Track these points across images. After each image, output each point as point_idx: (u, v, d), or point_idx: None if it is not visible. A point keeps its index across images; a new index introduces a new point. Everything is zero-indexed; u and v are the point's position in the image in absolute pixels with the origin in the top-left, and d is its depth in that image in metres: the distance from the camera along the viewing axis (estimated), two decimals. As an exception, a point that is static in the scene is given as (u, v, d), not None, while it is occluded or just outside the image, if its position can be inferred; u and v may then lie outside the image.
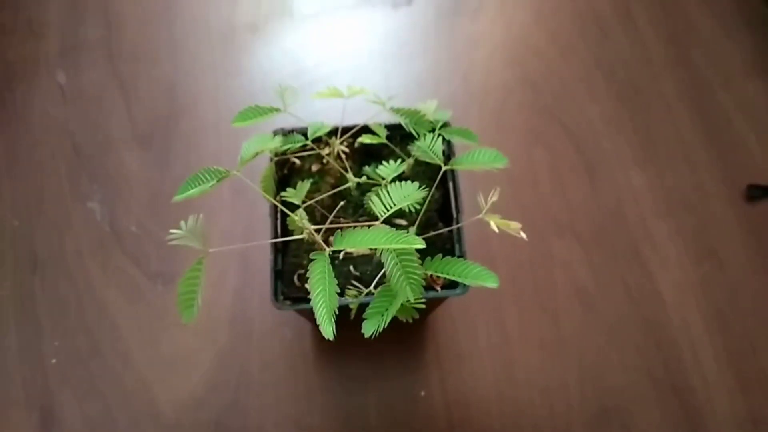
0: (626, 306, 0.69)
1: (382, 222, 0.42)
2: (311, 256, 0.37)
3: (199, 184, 0.41)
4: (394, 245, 0.34)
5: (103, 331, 0.67)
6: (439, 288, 0.50)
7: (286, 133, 0.51)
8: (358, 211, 0.52)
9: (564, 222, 0.73)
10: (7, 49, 0.81)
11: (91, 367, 0.65)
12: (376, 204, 0.40)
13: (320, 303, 0.34)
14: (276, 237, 0.50)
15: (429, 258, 0.41)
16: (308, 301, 0.49)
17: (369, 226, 0.38)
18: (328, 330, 0.33)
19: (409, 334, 0.67)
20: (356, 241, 0.35)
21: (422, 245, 0.35)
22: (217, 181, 0.40)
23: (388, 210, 0.40)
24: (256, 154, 0.43)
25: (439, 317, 0.68)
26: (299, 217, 0.40)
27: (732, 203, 0.74)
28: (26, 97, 0.78)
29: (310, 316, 0.62)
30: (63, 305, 0.68)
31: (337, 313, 0.34)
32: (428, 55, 0.82)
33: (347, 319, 0.65)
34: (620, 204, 0.74)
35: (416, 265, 0.37)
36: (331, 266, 0.35)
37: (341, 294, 0.48)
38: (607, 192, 0.74)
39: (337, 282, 0.49)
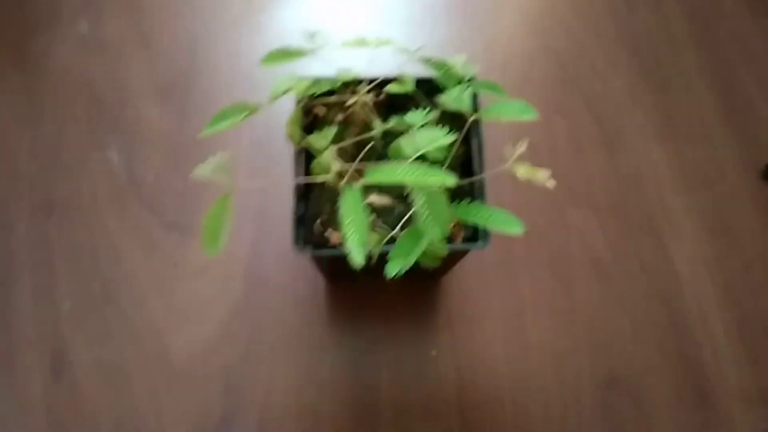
0: (640, 278, 0.69)
1: None
2: (342, 187, 0.37)
3: (227, 119, 0.41)
4: (427, 180, 0.34)
5: (118, 278, 0.67)
6: (458, 240, 0.50)
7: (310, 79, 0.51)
8: (380, 160, 0.52)
9: (581, 192, 0.72)
10: (29, -4, 0.80)
11: (104, 313, 0.66)
12: (405, 146, 0.40)
13: (351, 232, 0.34)
14: (299, 182, 0.50)
15: (456, 202, 0.41)
16: (328, 247, 0.49)
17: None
18: (358, 257, 0.33)
19: (422, 295, 0.67)
20: (389, 174, 0.35)
21: (453, 182, 0.35)
22: (247, 115, 0.40)
23: (417, 151, 0.40)
24: (285, 92, 0.43)
25: (452, 280, 0.68)
26: (329, 156, 0.40)
27: (749, 181, 0.74)
28: (48, 46, 0.78)
29: (326, 267, 0.62)
30: (78, 251, 0.68)
31: (366, 241, 0.34)
32: (453, 23, 0.82)
33: (362, 276, 0.66)
34: (638, 177, 0.74)
35: (445, 204, 0.37)
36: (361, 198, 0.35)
37: (362, 241, 0.49)
38: (625, 165, 0.74)
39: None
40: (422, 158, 0.41)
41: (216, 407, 0.63)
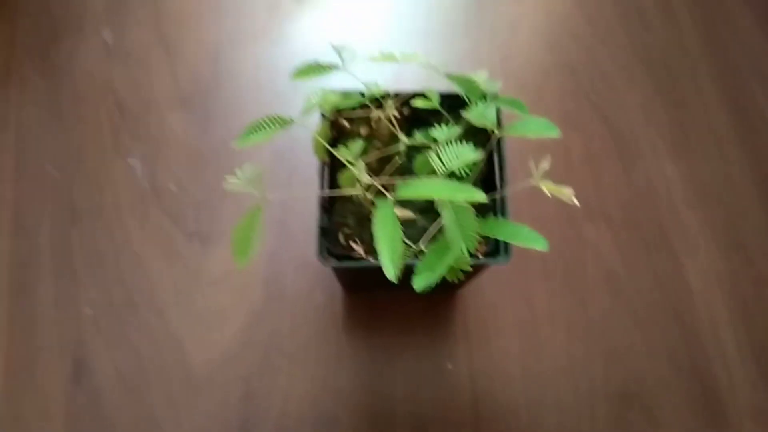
0: (653, 292, 0.70)
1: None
2: (375, 201, 0.37)
3: (260, 131, 0.42)
4: (458, 196, 0.35)
5: (139, 285, 0.68)
6: (481, 255, 0.51)
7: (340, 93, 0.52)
8: (404, 175, 0.52)
9: (595, 206, 0.73)
10: (53, 4, 0.82)
11: (125, 320, 0.67)
12: (435, 161, 0.41)
13: (385, 246, 0.34)
14: (324, 194, 0.51)
15: (480, 217, 0.42)
16: (352, 259, 0.50)
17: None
18: (391, 271, 0.34)
19: (438, 307, 0.68)
20: (420, 190, 0.35)
21: (483, 199, 0.36)
22: (280, 127, 0.41)
23: (445, 168, 0.41)
24: (316, 105, 0.44)
25: (469, 293, 0.69)
26: (358, 169, 0.41)
27: (762, 197, 0.75)
28: (72, 53, 0.79)
29: (348, 278, 0.63)
30: (100, 258, 0.69)
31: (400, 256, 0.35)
32: (470, 36, 0.83)
33: (379, 288, 0.66)
34: (652, 192, 0.74)
35: (472, 219, 0.38)
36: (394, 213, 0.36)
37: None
38: (639, 179, 0.75)
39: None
40: (450, 174, 0.42)
41: (234, 415, 0.63)
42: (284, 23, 0.82)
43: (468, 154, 0.43)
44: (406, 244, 0.45)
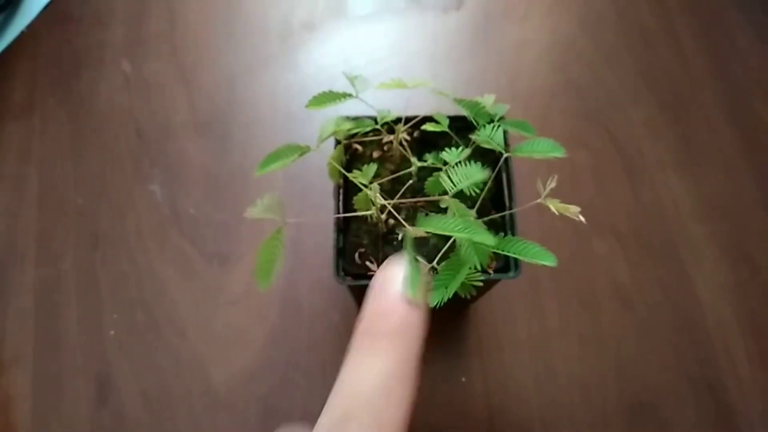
0: (663, 305, 0.71)
1: (436, 199, 0.46)
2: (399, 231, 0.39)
3: (280, 159, 0.44)
4: (469, 236, 0.37)
5: (161, 306, 0.70)
6: (491, 271, 0.52)
7: (352, 119, 0.54)
8: (416, 196, 0.54)
9: (604, 222, 0.75)
10: (74, 36, 0.85)
11: (148, 341, 0.69)
12: (445, 181, 0.43)
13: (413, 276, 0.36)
14: (339, 216, 0.53)
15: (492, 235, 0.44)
16: (368, 278, 0.52)
17: (440, 202, 0.41)
18: (412, 292, 0.36)
19: (451, 322, 0.70)
20: (437, 225, 0.38)
21: (492, 242, 0.38)
22: (299, 156, 0.43)
23: (455, 186, 0.43)
24: (332, 134, 0.46)
25: (481, 308, 0.70)
26: (373, 192, 0.43)
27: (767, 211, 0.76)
28: (92, 83, 0.82)
29: (361, 296, 0.65)
30: (122, 281, 0.71)
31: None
32: (476, 59, 0.85)
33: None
34: (660, 207, 0.76)
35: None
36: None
37: (400, 272, 0.51)
38: (647, 195, 0.77)
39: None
40: (460, 193, 0.44)
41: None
42: (296, 51, 0.85)
43: (477, 175, 0.45)
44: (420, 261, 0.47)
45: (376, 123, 0.52)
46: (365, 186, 0.48)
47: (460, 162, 0.47)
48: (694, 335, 0.70)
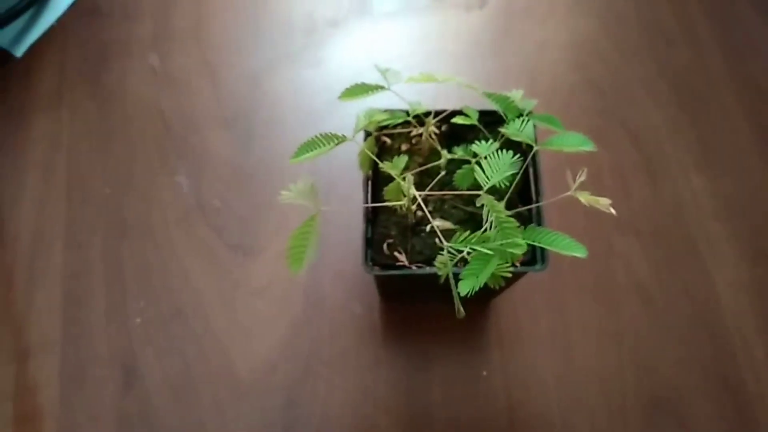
0: (683, 302, 0.72)
1: (472, 197, 0.47)
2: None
3: (315, 148, 0.45)
4: (506, 248, 0.38)
5: (185, 296, 0.71)
6: (518, 264, 0.53)
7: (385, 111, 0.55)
8: (444, 189, 0.55)
9: (625, 219, 0.75)
10: (102, 30, 0.86)
11: (173, 329, 0.70)
12: (479, 175, 0.44)
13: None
14: (369, 206, 0.54)
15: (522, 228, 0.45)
16: (396, 267, 0.53)
17: (475, 197, 0.43)
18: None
19: (473, 316, 0.70)
20: (471, 241, 0.39)
21: (523, 249, 0.39)
22: (336, 145, 0.44)
23: (489, 180, 0.44)
24: (368, 125, 0.47)
25: (502, 303, 0.71)
26: (408, 184, 0.44)
27: (787, 211, 0.77)
28: (120, 77, 0.83)
29: (390, 287, 0.66)
30: (148, 270, 0.72)
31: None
32: (497, 57, 0.86)
33: (418, 297, 0.69)
34: (679, 205, 0.76)
35: (515, 229, 0.41)
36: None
37: (429, 263, 0.52)
38: (667, 193, 0.77)
39: (425, 252, 0.53)
40: (491, 188, 0.45)
41: (277, 420, 0.66)
42: (320, 46, 0.86)
43: (507, 167, 0.46)
44: (451, 253, 0.48)
45: (408, 115, 0.53)
46: (401, 178, 0.49)
47: (491, 153, 0.48)
48: (713, 331, 0.70)
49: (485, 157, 0.47)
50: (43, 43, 0.85)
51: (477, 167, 0.44)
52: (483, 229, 0.44)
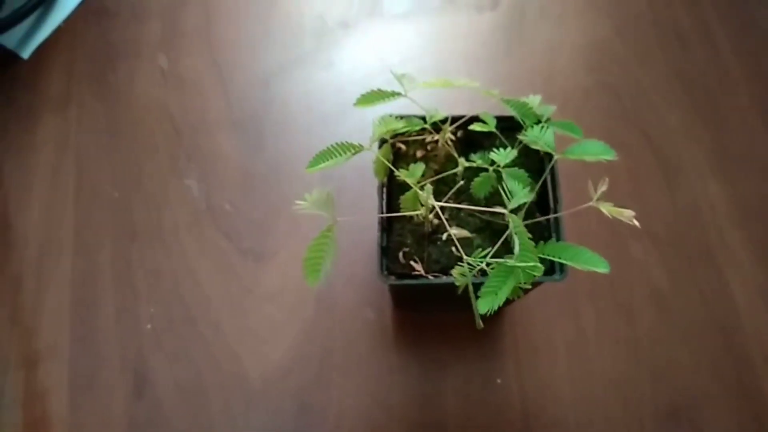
0: (700, 309, 0.71)
1: (485, 210, 0.47)
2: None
3: (331, 158, 0.44)
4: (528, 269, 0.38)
5: (196, 301, 0.70)
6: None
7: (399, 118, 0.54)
8: (460, 197, 0.54)
9: (641, 225, 0.74)
10: (111, 31, 0.85)
11: (184, 334, 0.69)
12: (503, 193, 0.43)
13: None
14: (383, 215, 0.53)
15: (542, 242, 0.44)
16: (411, 277, 0.52)
17: (491, 213, 0.42)
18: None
19: (487, 322, 0.69)
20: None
21: (541, 270, 0.38)
22: (352, 155, 0.43)
23: (511, 199, 0.43)
24: (386, 132, 0.46)
25: (517, 310, 0.70)
26: (427, 193, 0.43)
27: (804, 215, 0.76)
28: (129, 78, 0.82)
29: (401, 295, 0.65)
30: (159, 274, 0.72)
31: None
32: (510, 58, 0.85)
33: (432, 305, 0.68)
34: (696, 210, 0.75)
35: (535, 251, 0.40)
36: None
37: (446, 272, 0.51)
38: (683, 198, 0.76)
39: (441, 261, 0.52)
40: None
41: (289, 427, 0.65)
42: (331, 49, 0.85)
43: (523, 189, 0.45)
44: (470, 265, 0.47)
45: (425, 122, 0.52)
46: (419, 186, 0.48)
47: (508, 163, 0.47)
48: (730, 339, 0.69)
49: (505, 173, 0.46)
50: (51, 44, 0.84)
51: (502, 186, 0.43)
52: (501, 239, 0.43)
